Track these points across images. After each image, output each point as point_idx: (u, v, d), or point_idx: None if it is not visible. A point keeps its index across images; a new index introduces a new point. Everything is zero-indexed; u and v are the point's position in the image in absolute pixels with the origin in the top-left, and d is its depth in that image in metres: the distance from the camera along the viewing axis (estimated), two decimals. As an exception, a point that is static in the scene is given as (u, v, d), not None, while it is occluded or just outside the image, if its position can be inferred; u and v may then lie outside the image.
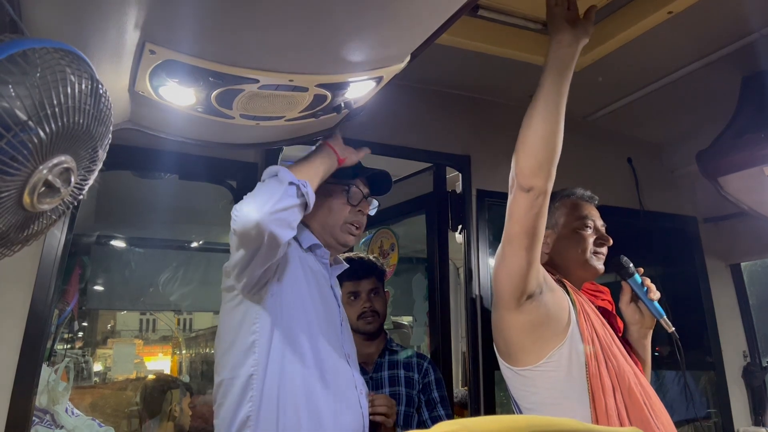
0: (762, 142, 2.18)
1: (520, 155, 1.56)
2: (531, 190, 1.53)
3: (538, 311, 1.62)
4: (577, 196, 1.94)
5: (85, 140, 0.93)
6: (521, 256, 1.57)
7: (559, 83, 1.54)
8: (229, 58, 1.24)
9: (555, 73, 1.55)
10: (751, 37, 2.05)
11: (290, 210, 1.46)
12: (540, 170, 1.52)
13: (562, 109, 1.54)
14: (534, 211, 1.54)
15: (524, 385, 1.67)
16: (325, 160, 1.67)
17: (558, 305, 1.66)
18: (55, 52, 0.86)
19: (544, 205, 1.56)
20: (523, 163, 1.54)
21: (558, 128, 1.53)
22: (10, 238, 0.92)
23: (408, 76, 1.56)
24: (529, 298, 1.60)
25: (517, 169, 1.56)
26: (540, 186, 1.52)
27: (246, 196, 1.46)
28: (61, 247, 1.66)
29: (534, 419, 0.80)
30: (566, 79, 1.55)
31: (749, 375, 2.89)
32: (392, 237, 3.41)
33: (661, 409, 1.66)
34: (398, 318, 3.96)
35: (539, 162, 1.52)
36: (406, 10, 1.19)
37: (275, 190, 1.46)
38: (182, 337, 4.19)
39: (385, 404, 1.99)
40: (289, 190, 1.47)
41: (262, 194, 1.45)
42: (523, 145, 1.55)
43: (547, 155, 1.52)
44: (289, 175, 1.50)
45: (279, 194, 1.44)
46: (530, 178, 1.53)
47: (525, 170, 1.54)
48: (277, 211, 1.42)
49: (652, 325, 1.85)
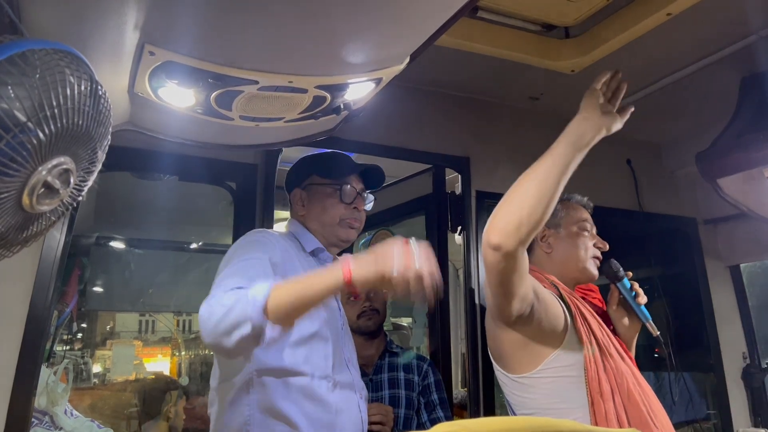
0: (761, 144, 2.18)
1: (502, 210, 1.44)
2: (498, 249, 1.41)
3: (530, 327, 1.61)
4: (576, 200, 1.95)
5: (84, 141, 0.93)
6: (500, 297, 1.54)
7: (568, 157, 1.44)
8: (229, 60, 1.24)
9: (568, 146, 1.45)
10: (750, 38, 2.06)
11: (242, 343, 1.27)
12: (515, 232, 1.39)
13: (562, 183, 1.44)
14: (499, 268, 1.45)
15: (521, 391, 1.67)
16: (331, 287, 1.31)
17: (552, 315, 1.64)
18: (55, 53, 0.86)
19: (515, 265, 1.45)
20: (501, 218, 1.43)
21: (551, 199, 1.42)
22: (9, 239, 0.92)
23: (407, 78, 1.56)
24: (519, 318, 1.59)
25: (492, 222, 1.44)
26: (508, 247, 1.40)
27: (215, 303, 1.29)
28: (61, 248, 1.66)
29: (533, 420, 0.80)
30: (577, 156, 1.46)
31: (749, 376, 2.89)
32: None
33: (659, 409, 1.66)
34: (398, 319, 3.96)
35: (518, 223, 1.40)
36: (406, 11, 1.19)
37: (231, 317, 1.25)
38: (181, 339, 4.18)
39: (379, 413, 2.00)
40: (243, 327, 1.25)
41: (222, 316, 1.26)
42: (510, 201, 1.44)
43: (530, 221, 1.40)
44: (257, 312, 1.25)
45: (230, 325, 1.25)
46: (501, 237, 1.40)
47: (499, 226, 1.42)
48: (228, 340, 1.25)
49: (638, 329, 1.88)
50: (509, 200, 1.45)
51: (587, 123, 1.48)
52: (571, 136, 1.47)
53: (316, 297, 1.30)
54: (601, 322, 1.77)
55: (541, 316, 1.61)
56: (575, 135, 1.47)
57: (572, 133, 1.47)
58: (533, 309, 1.59)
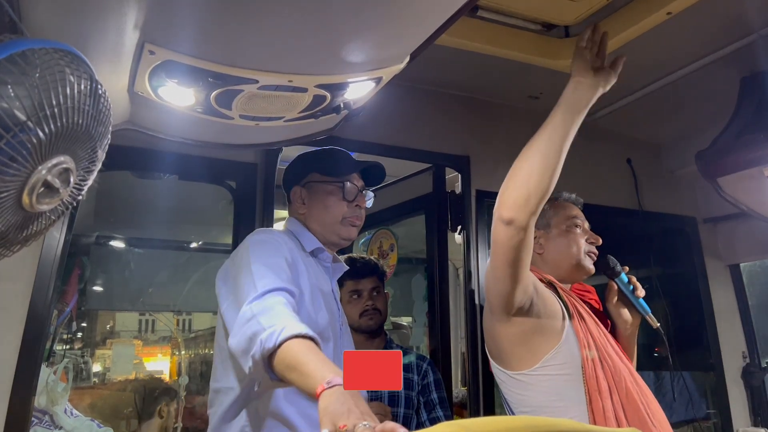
0: (761, 143, 2.18)
1: (510, 185, 1.49)
2: (511, 223, 1.46)
3: (529, 322, 1.62)
4: (564, 198, 1.96)
5: (84, 141, 0.93)
6: (506, 281, 1.55)
7: (568, 123, 1.48)
8: (229, 59, 1.23)
9: (566, 112, 1.48)
10: (750, 37, 2.06)
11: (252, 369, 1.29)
12: (525, 204, 1.45)
13: (564, 149, 1.47)
14: (513, 243, 1.48)
15: (519, 389, 1.67)
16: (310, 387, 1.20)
17: (550, 312, 1.65)
18: (55, 52, 0.86)
19: (527, 240, 1.49)
20: (510, 193, 1.48)
21: (556, 167, 1.46)
22: (9, 238, 0.92)
23: (407, 77, 1.56)
24: (519, 311, 1.60)
25: (501, 199, 1.49)
26: (521, 220, 1.45)
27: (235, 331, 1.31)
28: (61, 248, 1.66)
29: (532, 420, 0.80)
30: (576, 120, 1.48)
31: (748, 375, 2.90)
32: (391, 237, 3.41)
33: (657, 408, 1.66)
34: (398, 318, 3.96)
35: (527, 195, 1.45)
36: (406, 10, 1.19)
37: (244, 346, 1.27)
38: (181, 338, 4.18)
39: (379, 412, 2.00)
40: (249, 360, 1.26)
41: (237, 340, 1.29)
42: (516, 175, 1.49)
43: (537, 191, 1.45)
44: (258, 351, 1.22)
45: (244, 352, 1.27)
46: (513, 210, 1.46)
47: (509, 201, 1.47)
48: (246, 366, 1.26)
49: (638, 323, 1.89)
50: (515, 175, 1.49)
51: (581, 86, 1.51)
52: (567, 102, 1.50)
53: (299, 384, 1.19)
54: (598, 322, 1.77)
55: (540, 311, 1.63)
56: (571, 100, 1.50)
57: (568, 99, 1.50)
58: (533, 303, 1.61)
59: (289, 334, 1.20)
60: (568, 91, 1.51)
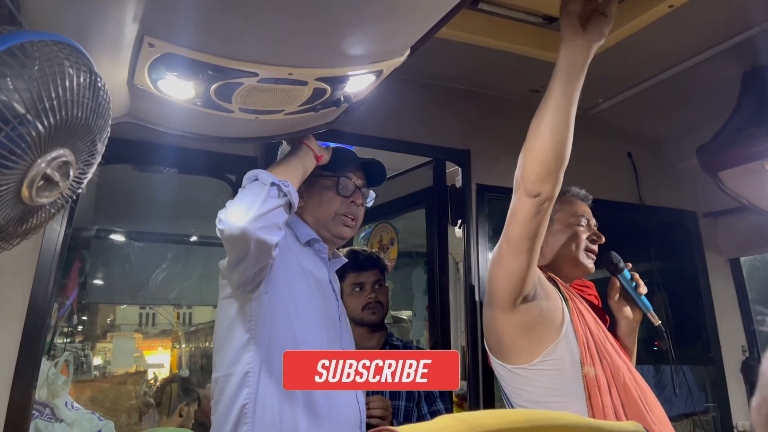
0: (762, 137, 2.18)
1: (528, 160, 1.51)
2: (538, 195, 1.49)
3: (532, 312, 1.62)
4: (572, 193, 1.95)
5: (83, 133, 0.93)
6: (521, 259, 1.56)
7: (569, 89, 1.46)
8: (228, 52, 1.23)
9: (565, 78, 1.46)
10: (752, 31, 2.05)
11: (275, 211, 1.44)
12: (549, 176, 1.48)
13: (572, 116, 1.47)
14: (539, 216, 1.52)
15: (518, 383, 1.68)
16: (303, 160, 1.67)
17: (552, 305, 1.66)
18: (54, 44, 0.86)
19: (549, 210, 1.54)
20: (531, 168, 1.50)
21: (567, 135, 1.47)
22: (8, 231, 0.92)
23: (408, 70, 1.55)
24: (524, 300, 1.60)
25: (525, 174, 1.51)
26: (547, 192, 1.49)
27: (229, 203, 1.44)
28: (61, 241, 1.66)
29: (533, 413, 0.81)
30: (577, 84, 1.47)
31: (748, 370, 2.90)
32: (392, 231, 3.41)
33: (655, 403, 1.67)
34: (398, 312, 3.97)
35: (548, 168, 1.48)
36: (407, 3, 1.18)
37: (257, 193, 1.45)
38: (182, 331, 4.20)
39: (380, 406, 2.01)
40: (271, 191, 1.46)
41: (245, 199, 1.43)
42: (531, 150, 1.50)
43: (556, 162, 1.48)
44: (269, 176, 1.49)
45: (262, 197, 1.43)
46: (538, 184, 1.48)
47: (533, 176, 1.49)
48: (261, 215, 1.40)
49: (639, 320, 1.89)
50: (531, 150, 1.50)
51: (573, 49, 1.46)
52: (563, 70, 1.47)
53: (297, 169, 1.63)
54: (597, 319, 1.78)
55: (542, 302, 1.64)
56: (567, 67, 1.47)
57: (563, 66, 1.47)
58: (536, 292, 1.63)
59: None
60: (561, 58, 1.47)
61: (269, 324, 1.56)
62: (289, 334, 1.57)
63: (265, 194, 1.44)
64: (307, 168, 1.67)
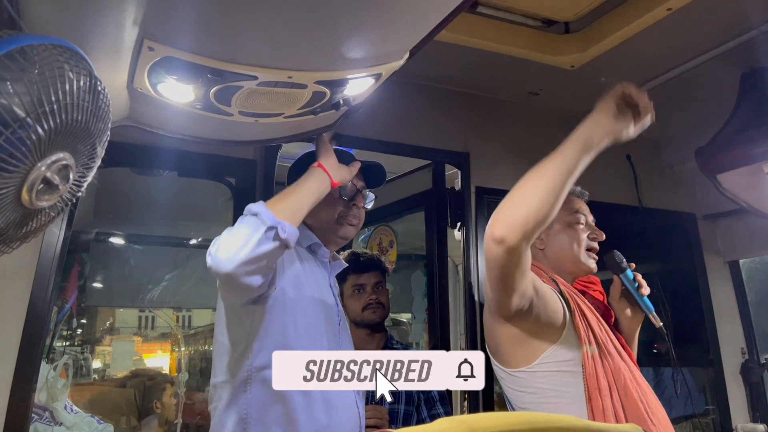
0: (761, 139, 2.18)
1: (508, 203, 1.42)
2: (501, 242, 1.39)
3: (528, 323, 1.61)
4: (570, 192, 1.94)
5: (83, 137, 0.93)
6: (499, 293, 1.54)
7: (576, 157, 1.42)
8: (228, 55, 1.23)
9: (576, 147, 1.43)
10: (750, 33, 2.06)
11: (268, 254, 1.38)
12: (521, 226, 1.38)
13: (569, 183, 1.42)
14: (501, 263, 1.43)
15: (518, 386, 1.67)
16: (319, 184, 1.59)
17: (551, 311, 1.63)
18: (54, 48, 0.86)
19: (518, 261, 1.44)
20: (507, 211, 1.41)
21: (558, 198, 1.40)
22: (8, 235, 0.92)
23: (407, 73, 1.55)
24: (518, 313, 1.58)
25: (497, 216, 1.42)
26: (511, 241, 1.38)
27: (224, 234, 1.38)
28: (60, 244, 1.66)
29: (533, 416, 0.80)
30: (584, 156, 1.44)
31: (747, 371, 2.90)
32: (391, 234, 3.41)
33: (657, 405, 1.66)
34: (397, 315, 3.97)
35: (525, 218, 1.38)
36: (406, 6, 1.19)
37: (252, 232, 1.36)
38: (181, 334, 4.19)
39: (374, 416, 2.02)
40: (267, 234, 1.37)
41: (239, 235, 1.36)
42: (517, 195, 1.42)
43: (536, 216, 1.38)
44: (269, 216, 1.39)
45: (256, 239, 1.35)
46: (506, 230, 1.38)
47: (504, 219, 1.40)
48: (252, 259, 1.34)
49: (641, 320, 1.88)
50: (516, 196, 1.42)
51: (596, 126, 1.46)
52: (579, 138, 1.44)
53: (309, 197, 1.55)
54: (600, 319, 1.77)
55: (540, 312, 1.60)
56: (583, 137, 1.44)
57: (581, 135, 1.45)
58: (532, 304, 1.58)
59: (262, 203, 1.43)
60: (583, 127, 1.46)
61: (269, 330, 1.55)
62: (289, 340, 1.55)
63: (260, 236, 1.36)
64: (322, 193, 1.59)
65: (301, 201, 1.53)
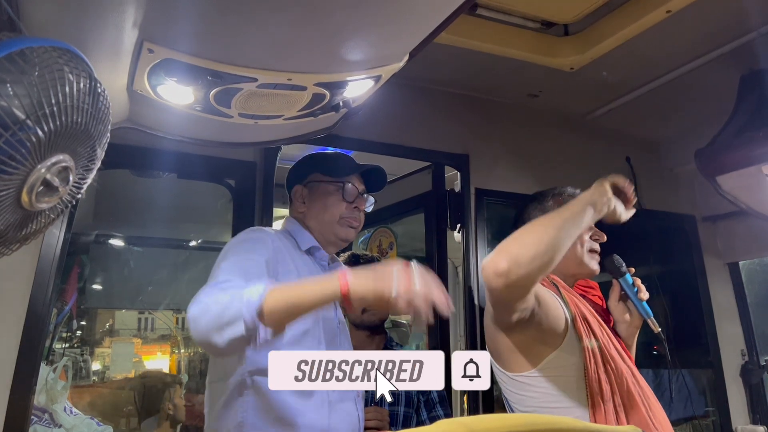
0: (760, 141, 2.18)
1: (513, 242, 1.40)
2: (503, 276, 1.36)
3: (529, 330, 1.60)
4: (568, 194, 1.94)
5: (83, 139, 0.93)
6: (500, 312, 1.55)
7: (585, 213, 1.49)
8: (228, 57, 1.23)
9: (587, 205, 1.51)
10: (750, 35, 2.06)
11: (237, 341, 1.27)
12: (527, 264, 1.36)
13: (574, 236, 1.47)
14: (497, 296, 1.45)
15: (519, 390, 1.67)
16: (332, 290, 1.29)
17: (552, 317, 1.62)
18: (54, 51, 0.86)
19: (523, 296, 1.44)
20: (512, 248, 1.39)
21: (563, 247, 1.43)
22: (8, 236, 0.92)
23: (406, 75, 1.56)
24: (519, 322, 1.58)
25: (501, 249, 1.39)
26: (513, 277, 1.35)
27: (198, 301, 1.30)
28: (60, 246, 1.66)
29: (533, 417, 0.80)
30: (592, 216, 1.51)
31: (747, 373, 2.90)
32: (391, 236, 3.41)
33: (658, 408, 1.66)
34: (397, 317, 3.96)
35: (531, 257, 1.36)
36: (405, 9, 1.19)
37: (225, 316, 1.25)
38: (180, 336, 4.19)
39: (375, 418, 2.01)
40: (236, 326, 1.25)
41: (212, 315, 1.27)
42: (525, 236, 1.41)
43: (542, 259, 1.38)
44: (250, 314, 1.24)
45: (228, 329, 1.25)
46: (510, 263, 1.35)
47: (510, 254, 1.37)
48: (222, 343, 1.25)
49: (639, 325, 1.86)
50: (524, 236, 1.42)
51: (599, 194, 1.54)
52: (586, 199, 1.52)
53: (311, 305, 1.31)
54: (602, 322, 1.76)
55: (542, 319, 1.59)
56: (590, 199, 1.52)
57: (587, 197, 1.53)
58: (533, 312, 1.56)
59: (268, 289, 1.25)
60: (588, 192, 1.55)
61: None
62: (286, 344, 1.54)
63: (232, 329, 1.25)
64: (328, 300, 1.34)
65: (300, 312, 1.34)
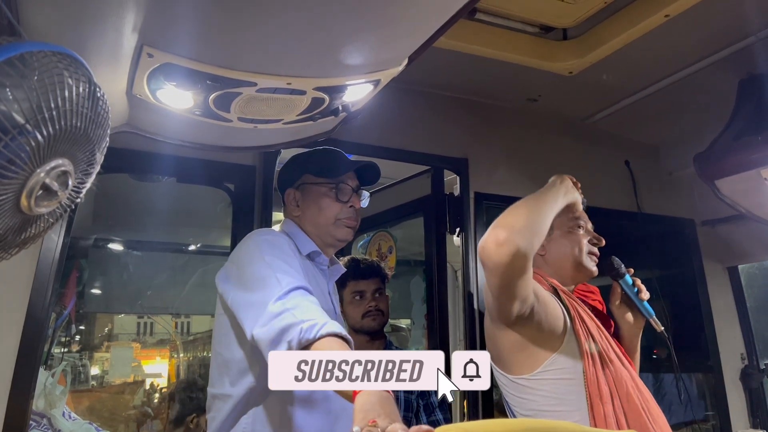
0: (759, 145, 2.18)
1: (508, 214, 1.51)
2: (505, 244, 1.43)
3: (529, 329, 1.60)
4: None
5: (82, 143, 0.93)
6: (502, 299, 1.55)
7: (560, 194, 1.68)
8: (227, 62, 1.24)
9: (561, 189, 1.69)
10: (748, 40, 2.06)
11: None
12: (525, 230, 1.46)
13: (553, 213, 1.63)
14: (503, 269, 1.46)
15: (519, 392, 1.67)
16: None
17: (552, 317, 1.63)
18: (53, 55, 0.86)
19: (524, 266, 1.47)
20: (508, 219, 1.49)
21: (549, 219, 1.59)
22: (7, 241, 0.92)
23: (405, 79, 1.56)
24: (518, 319, 1.58)
25: (498, 223, 1.48)
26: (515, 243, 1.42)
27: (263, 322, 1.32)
28: (59, 250, 1.66)
29: (531, 422, 0.80)
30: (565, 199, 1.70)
31: (747, 377, 2.90)
32: (390, 240, 3.41)
33: (658, 412, 1.66)
34: (396, 321, 3.96)
35: (527, 224, 1.48)
36: (404, 13, 1.19)
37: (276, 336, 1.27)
38: (180, 341, 4.18)
39: None
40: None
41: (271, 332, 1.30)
42: (518, 208, 1.55)
43: (537, 225, 1.52)
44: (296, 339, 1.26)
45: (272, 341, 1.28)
46: (509, 232, 1.44)
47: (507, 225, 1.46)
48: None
49: (641, 326, 1.87)
50: (517, 208, 1.54)
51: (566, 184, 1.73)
52: (559, 186, 1.70)
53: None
54: (600, 326, 1.76)
55: (541, 318, 1.60)
56: (563, 186, 1.71)
57: (560, 184, 1.71)
58: (533, 310, 1.58)
59: (329, 331, 1.24)
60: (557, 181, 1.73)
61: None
62: None
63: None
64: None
65: None
